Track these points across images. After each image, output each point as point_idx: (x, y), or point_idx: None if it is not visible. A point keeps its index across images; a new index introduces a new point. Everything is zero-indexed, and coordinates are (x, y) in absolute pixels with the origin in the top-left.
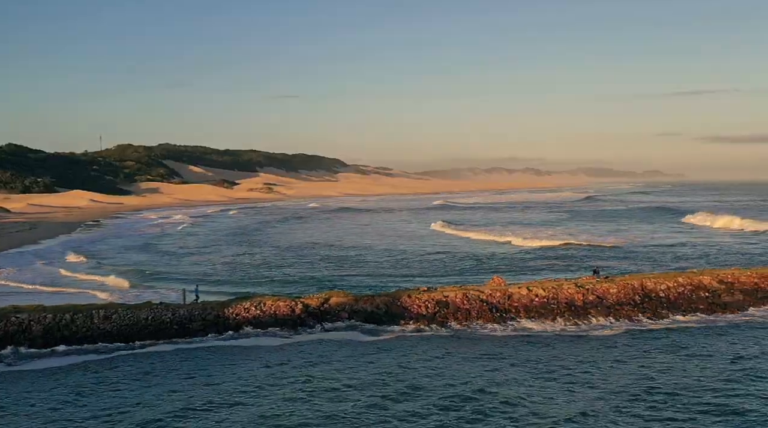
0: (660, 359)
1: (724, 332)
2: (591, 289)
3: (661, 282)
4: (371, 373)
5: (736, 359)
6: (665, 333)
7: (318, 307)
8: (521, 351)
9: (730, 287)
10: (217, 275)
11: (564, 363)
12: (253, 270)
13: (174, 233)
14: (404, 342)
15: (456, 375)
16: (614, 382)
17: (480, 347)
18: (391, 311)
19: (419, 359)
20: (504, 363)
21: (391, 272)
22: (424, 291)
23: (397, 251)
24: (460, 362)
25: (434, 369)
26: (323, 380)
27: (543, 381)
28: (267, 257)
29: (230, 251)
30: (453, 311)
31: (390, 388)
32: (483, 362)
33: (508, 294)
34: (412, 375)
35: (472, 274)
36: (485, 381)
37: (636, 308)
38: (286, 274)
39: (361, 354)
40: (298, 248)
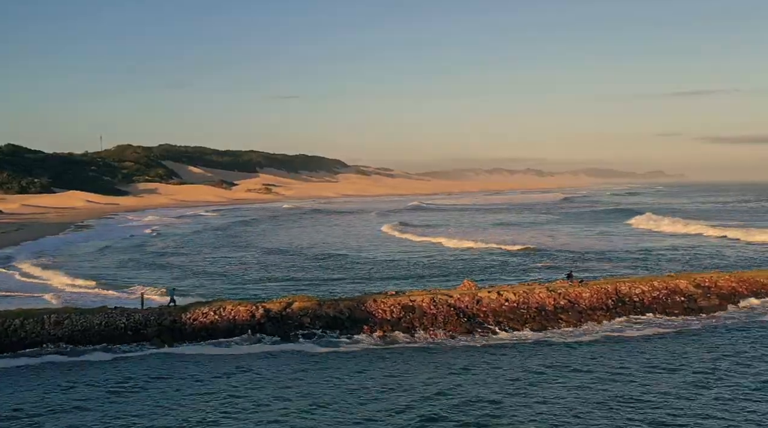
0: (626, 365)
1: (697, 335)
2: (563, 294)
3: (636, 286)
4: (300, 394)
5: (704, 364)
6: (635, 338)
7: (280, 312)
8: (483, 362)
9: (706, 291)
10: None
11: (526, 374)
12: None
13: (141, 236)
14: (359, 356)
15: (396, 401)
16: (577, 392)
17: (442, 358)
18: (354, 317)
19: (368, 378)
20: (462, 380)
21: (319, 274)
22: (391, 295)
23: (323, 253)
24: (408, 387)
25: (384, 393)
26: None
27: (509, 397)
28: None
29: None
30: (419, 316)
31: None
32: (441, 379)
33: (477, 299)
34: (347, 401)
35: (436, 277)
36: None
37: (609, 313)
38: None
39: (299, 371)
40: (232, 250)
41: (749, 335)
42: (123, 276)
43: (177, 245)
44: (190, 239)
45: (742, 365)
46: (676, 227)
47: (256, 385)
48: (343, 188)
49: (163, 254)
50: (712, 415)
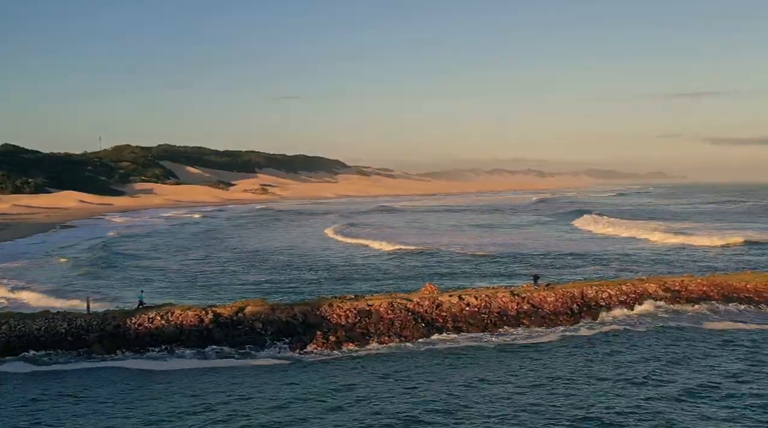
0: (579, 367)
1: (657, 338)
2: (527, 298)
3: (603, 290)
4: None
5: (654, 363)
6: (591, 342)
7: (231, 317)
8: (436, 373)
9: (676, 295)
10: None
11: (477, 382)
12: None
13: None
14: (298, 369)
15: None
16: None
17: (388, 368)
18: (308, 321)
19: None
20: (411, 392)
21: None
22: (349, 299)
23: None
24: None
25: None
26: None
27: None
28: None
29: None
30: (375, 321)
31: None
32: (386, 394)
33: (437, 303)
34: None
35: (402, 280)
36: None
37: (573, 318)
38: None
39: (221, 392)
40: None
41: (689, 338)
42: (79, 280)
43: (142, 248)
44: (157, 242)
45: (669, 370)
46: (615, 229)
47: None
48: (342, 188)
49: (124, 257)
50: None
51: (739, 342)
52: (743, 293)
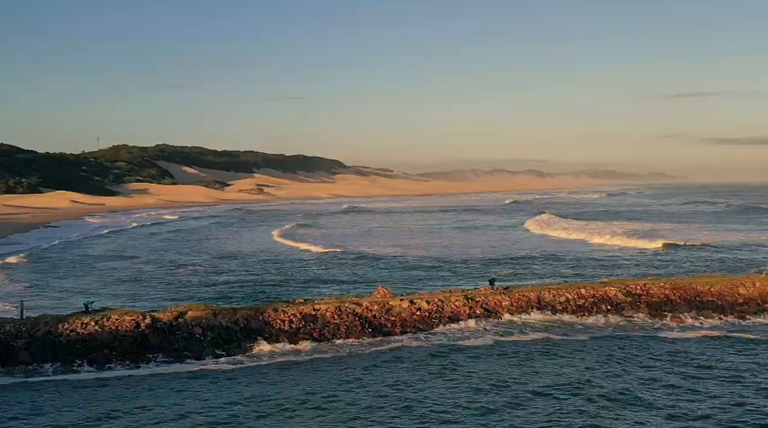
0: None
1: (586, 345)
2: (481, 302)
3: (562, 294)
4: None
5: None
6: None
7: (170, 322)
8: (351, 379)
9: (636, 299)
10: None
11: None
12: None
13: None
14: (229, 376)
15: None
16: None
17: (313, 373)
18: (250, 327)
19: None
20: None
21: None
22: (299, 303)
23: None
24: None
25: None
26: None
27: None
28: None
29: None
30: (321, 326)
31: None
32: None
33: (387, 308)
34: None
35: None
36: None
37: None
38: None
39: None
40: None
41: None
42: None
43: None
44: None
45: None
46: (557, 230)
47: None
48: (338, 189)
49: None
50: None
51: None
52: (706, 297)
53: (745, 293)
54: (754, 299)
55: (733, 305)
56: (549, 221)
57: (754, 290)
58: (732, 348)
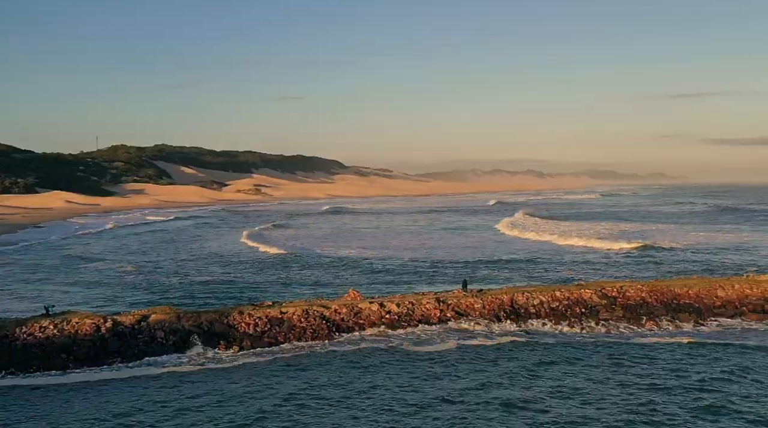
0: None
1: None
2: (453, 304)
3: (535, 297)
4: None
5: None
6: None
7: (132, 325)
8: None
9: (612, 302)
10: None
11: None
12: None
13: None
14: (184, 379)
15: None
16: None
17: (266, 375)
18: (213, 330)
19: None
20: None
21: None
22: (267, 306)
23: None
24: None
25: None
26: None
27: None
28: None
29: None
30: (286, 330)
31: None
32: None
33: (356, 311)
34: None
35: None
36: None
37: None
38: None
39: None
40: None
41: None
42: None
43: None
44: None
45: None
46: (525, 232)
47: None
48: (336, 189)
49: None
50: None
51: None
52: (684, 300)
53: (723, 295)
54: (732, 302)
55: (710, 308)
56: (519, 222)
57: (732, 292)
58: (692, 355)
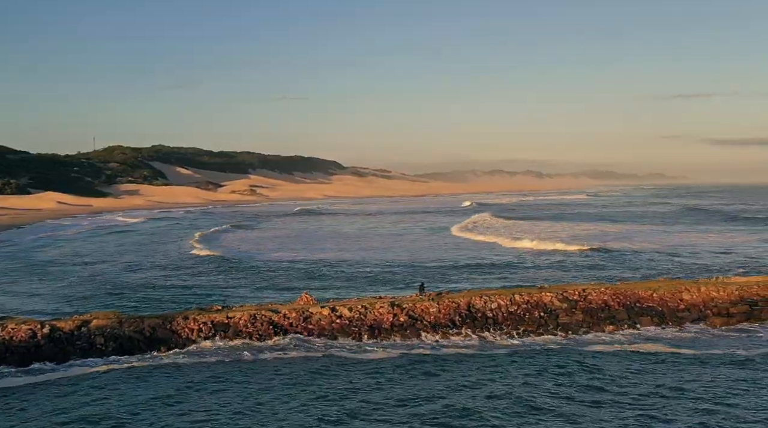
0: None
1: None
2: (408, 309)
3: (493, 300)
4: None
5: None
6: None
7: (71, 331)
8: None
9: (573, 305)
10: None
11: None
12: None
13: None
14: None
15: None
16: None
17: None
18: (155, 336)
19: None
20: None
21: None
22: (215, 311)
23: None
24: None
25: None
26: None
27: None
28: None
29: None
30: (232, 335)
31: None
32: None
33: (306, 315)
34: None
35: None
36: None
37: (451, 332)
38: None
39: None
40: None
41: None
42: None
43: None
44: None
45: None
46: (478, 234)
47: None
48: (333, 189)
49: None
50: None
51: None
52: (647, 303)
53: (688, 298)
54: (697, 306)
55: (674, 312)
56: (478, 223)
57: (698, 295)
58: (645, 362)
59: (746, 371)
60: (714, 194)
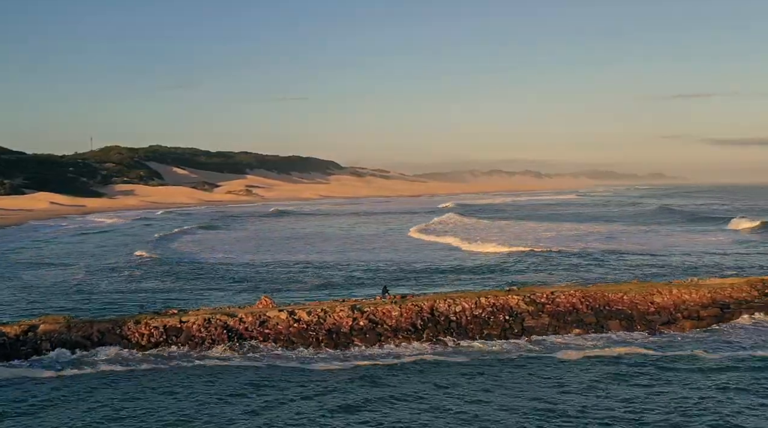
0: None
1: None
2: (369, 312)
3: (458, 303)
4: None
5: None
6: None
7: (16, 336)
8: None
9: (540, 309)
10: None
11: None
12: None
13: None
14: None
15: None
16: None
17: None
18: (104, 341)
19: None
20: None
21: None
22: (171, 314)
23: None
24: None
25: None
26: None
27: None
28: None
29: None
30: (184, 340)
31: None
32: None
33: (262, 319)
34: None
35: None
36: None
37: (413, 336)
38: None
39: None
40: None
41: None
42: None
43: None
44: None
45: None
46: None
47: None
48: (329, 190)
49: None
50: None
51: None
52: (617, 306)
53: (659, 301)
54: (667, 308)
55: (644, 315)
56: (440, 224)
57: (669, 298)
58: (611, 366)
59: (711, 374)
60: (706, 195)
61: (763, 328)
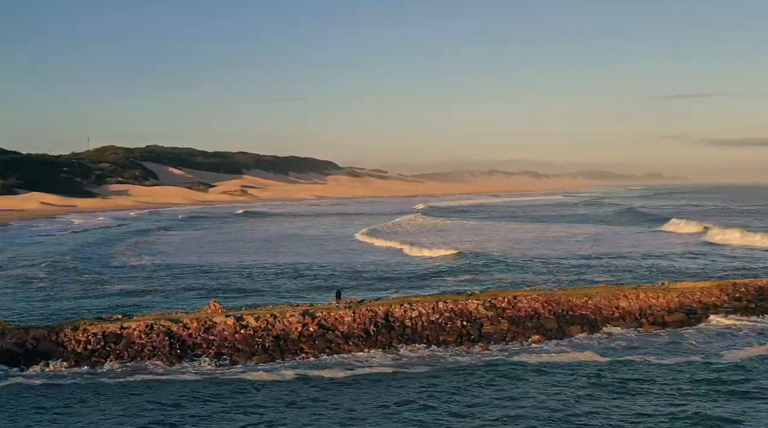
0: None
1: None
2: (320, 318)
3: (414, 309)
4: None
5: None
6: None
7: None
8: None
9: (499, 314)
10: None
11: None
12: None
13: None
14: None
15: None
16: None
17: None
18: (38, 349)
19: None
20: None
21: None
22: (114, 320)
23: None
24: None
25: None
26: None
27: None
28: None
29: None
30: (123, 347)
31: None
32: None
33: (208, 326)
34: None
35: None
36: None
37: (364, 343)
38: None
39: None
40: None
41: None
42: None
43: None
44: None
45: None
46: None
47: None
48: (325, 190)
49: None
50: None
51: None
52: (580, 311)
53: (625, 306)
54: (632, 313)
55: (607, 320)
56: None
57: (636, 302)
58: (563, 374)
59: (659, 380)
60: (693, 196)
61: (726, 333)
